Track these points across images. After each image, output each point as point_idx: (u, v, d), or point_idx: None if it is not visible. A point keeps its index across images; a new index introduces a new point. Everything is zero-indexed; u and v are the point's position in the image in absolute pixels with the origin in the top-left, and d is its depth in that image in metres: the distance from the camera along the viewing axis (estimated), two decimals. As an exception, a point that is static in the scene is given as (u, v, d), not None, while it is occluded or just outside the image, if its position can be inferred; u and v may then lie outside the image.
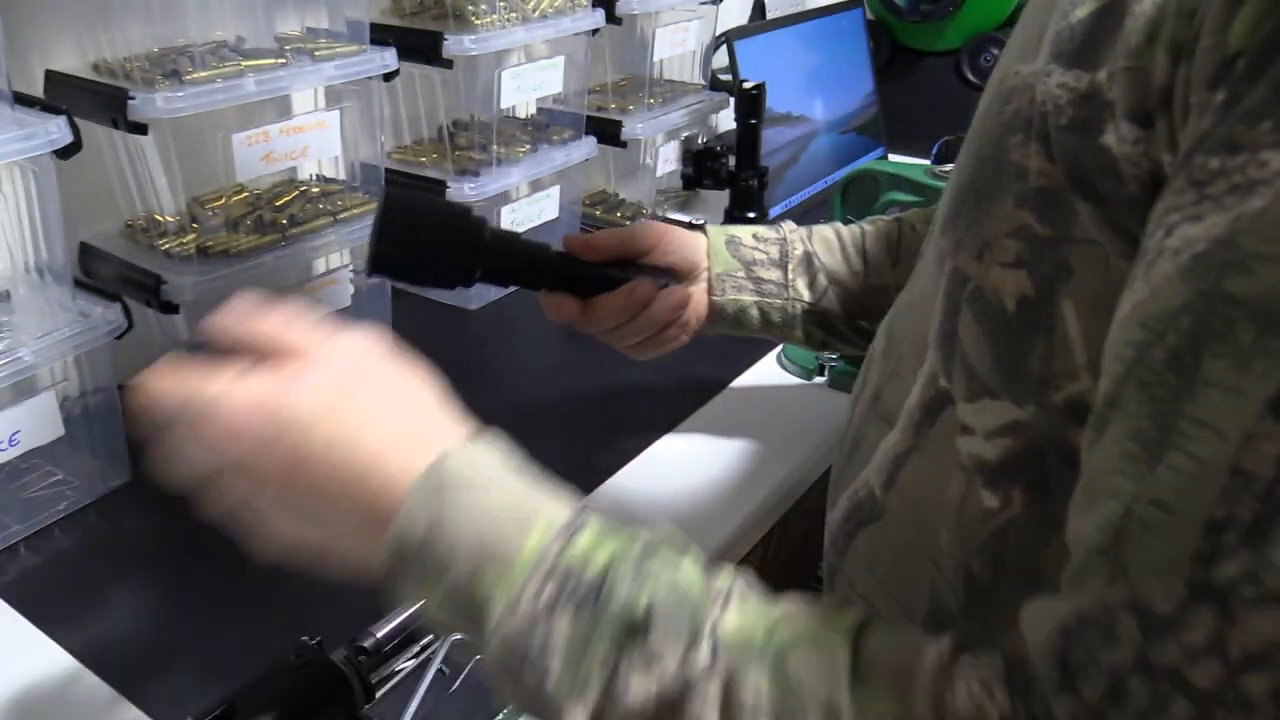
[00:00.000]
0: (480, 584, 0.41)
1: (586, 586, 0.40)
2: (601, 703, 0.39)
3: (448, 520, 0.42)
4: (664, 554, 0.42)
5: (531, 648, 0.40)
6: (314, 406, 0.44)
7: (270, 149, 0.93)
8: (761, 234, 0.78)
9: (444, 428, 0.45)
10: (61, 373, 0.84)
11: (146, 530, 0.84)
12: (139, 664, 0.69)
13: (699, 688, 0.38)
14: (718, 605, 0.40)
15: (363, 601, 0.73)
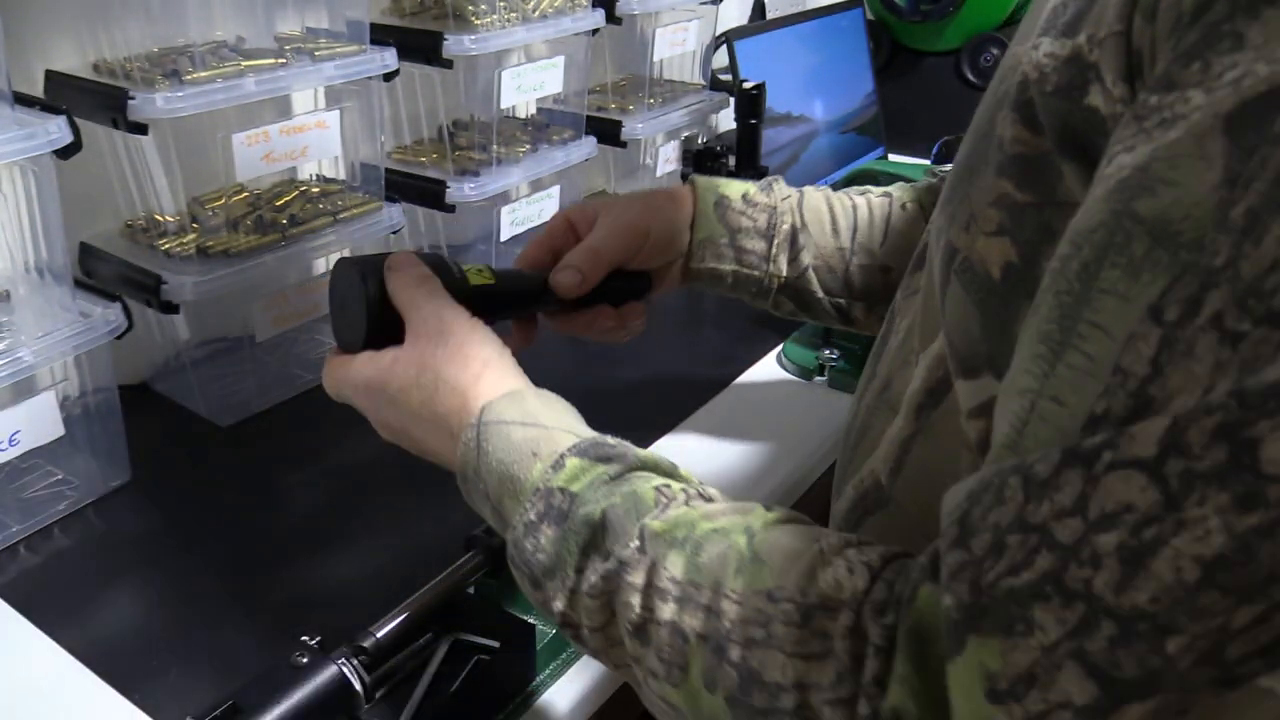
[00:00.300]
0: (503, 504, 0.53)
1: (565, 502, 0.50)
2: (572, 595, 0.49)
3: (485, 454, 0.53)
4: (635, 475, 0.51)
5: (525, 551, 0.51)
6: (401, 384, 0.58)
7: (270, 149, 0.93)
8: (752, 196, 0.76)
9: (500, 377, 0.57)
10: (61, 373, 0.84)
11: (146, 530, 0.84)
12: (139, 664, 0.69)
13: (626, 572, 0.46)
14: (660, 507, 0.48)
15: (363, 601, 0.73)
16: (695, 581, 0.44)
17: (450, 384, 0.56)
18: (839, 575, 0.41)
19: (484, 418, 0.54)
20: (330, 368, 0.63)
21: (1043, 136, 0.40)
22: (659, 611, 0.45)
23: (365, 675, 0.59)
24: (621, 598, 0.46)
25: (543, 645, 0.68)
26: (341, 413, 0.66)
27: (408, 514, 0.85)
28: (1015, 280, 0.42)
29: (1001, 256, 0.43)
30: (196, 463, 0.93)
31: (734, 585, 0.43)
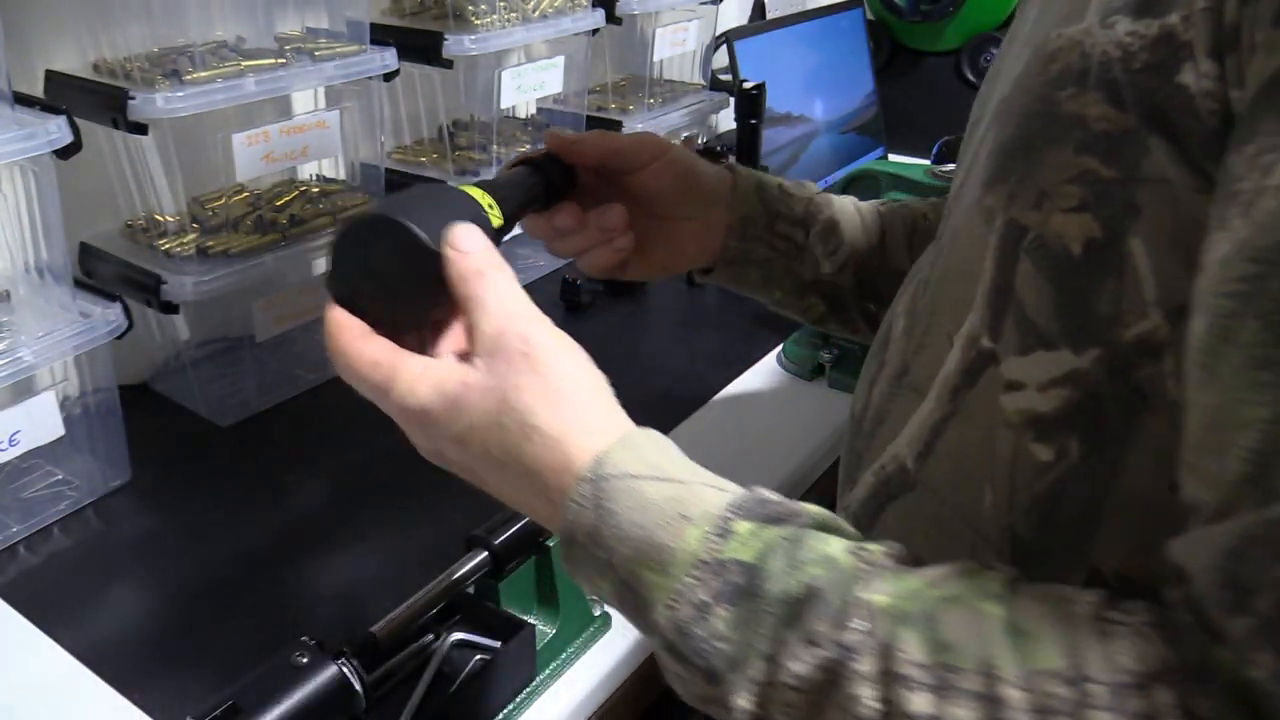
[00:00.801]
0: (643, 576, 0.43)
1: (744, 576, 0.41)
2: (765, 687, 0.40)
3: (611, 516, 0.44)
4: (814, 536, 0.43)
5: (695, 639, 0.41)
6: (474, 420, 0.46)
7: (270, 149, 0.93)
8: (788, 187, 0.74)
9: (605, 419, 0.47)
10: (61, 373, 0.84)
11: (146, 530, 0.84)
12: (139, 664, 0.69)
13: (853, 660, 0.39)
14: (868, 578, 0.41)
15: (363, 601, 0.73)
16: (949, 665, 0.38)
17: (545, 430, 0.45)
18: (1128, 644, 0.36)
19: (602, 471, 0.45)
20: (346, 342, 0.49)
21: (1128, 114, 0.41)
22: (905, 703, 0.38)
23: (365, 675, 0.59)
24: (847, 690, 0.39)
25: (543, 645, 0.68)
26: (341, 413, 0.66)
27: (408, 514, 0.85)
28: (1097, 255, 0.43)
29: (1083, 232, 0.43)
30: (196, 463, 0.93)
31: (1007, 666, 0.37)
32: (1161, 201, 0.40)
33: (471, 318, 0.48)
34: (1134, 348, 0.42)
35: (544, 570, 0.70)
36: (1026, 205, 0.45)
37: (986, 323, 0.48)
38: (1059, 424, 0.45)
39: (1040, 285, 0.45)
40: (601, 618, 0.73)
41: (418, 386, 0.47)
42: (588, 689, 0.69)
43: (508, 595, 0.69)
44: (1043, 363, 0.45)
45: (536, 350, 0.46)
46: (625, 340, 1.15)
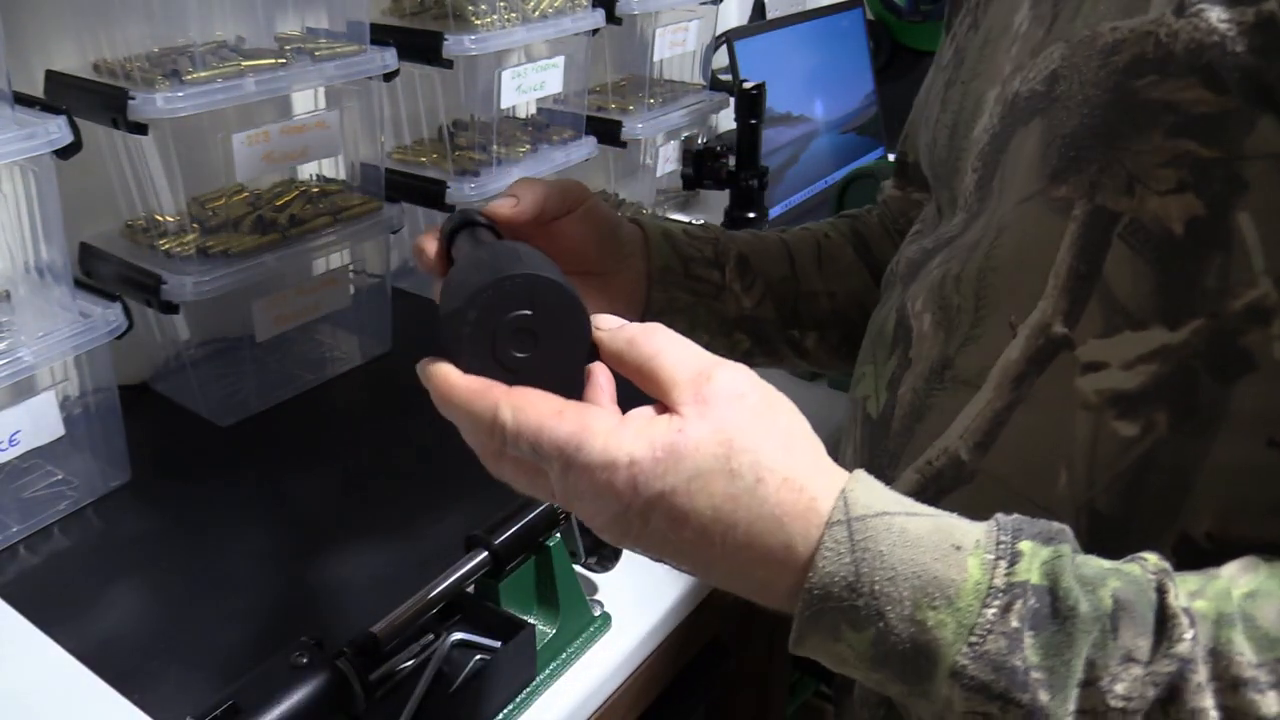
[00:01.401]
0: (926, 618, 0.39)
1: (1041, 599, 0.39)
2: (1086, 716, 0.38)
3: (875, 556, 0.40)
4: (1084, 554, 0.42)
5: (1014, 675, 0.38)
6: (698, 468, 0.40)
7: (270, 149, 0.93)
8: (693, 231, 0.74)
9: (829, 463, 0.43)
10: (61, 373, 0.84)
11: (146, 530, 0.84)
12: (139, 664, 0.69)
13: (1190, 671, 0.37)
14: (1166, 584, 0.40)
15: (363, 601, 0.73)
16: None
17: (782, 473, 0.41)
18: None
19: (854, 511, 0.40)
20: (519, 398, 0.42)
21: (1227, 96, 0.42)
22: (1256, 707, 0.37)
23: (365, 675, 0.59)
24: (1187, 704, 0.37)
25: (543, 645, 0.68)
26: (341, 413, 0.65)
27: (408, 514, 0.85)
28: (1202, 232, 0.44)
29: (1185, 212, 0.44)
30: (196, 463, 0.93)
31: None
32: (1271, 175, 0.42)
33: (659, 373, 0.43)
34: (1242, 315, 0.44)
35: (544, 570, 0.70)
36: (1116, 192, 0.46)
37: (1061, 309, 0.49)
38: (1145, 399, 0.47)
39: (1138, 268, 0.46)
40: (601, 618, 0.73)
41: (623, 435, 0.41)
42: (588, 689, 0.69)
43: (508, 595, 0.69)
44: (1129, 342, 0.47)
45: (752, 393, 0.43)
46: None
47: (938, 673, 0.39)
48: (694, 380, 0.42)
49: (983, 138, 0.55)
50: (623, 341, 0.44)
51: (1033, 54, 0.51)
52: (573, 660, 0.70)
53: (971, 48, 0.60)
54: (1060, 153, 0.48)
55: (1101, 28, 0.47)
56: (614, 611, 0.73)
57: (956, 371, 0.54)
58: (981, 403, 0.52)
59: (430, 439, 0.90)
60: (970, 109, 0.58)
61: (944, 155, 0.61)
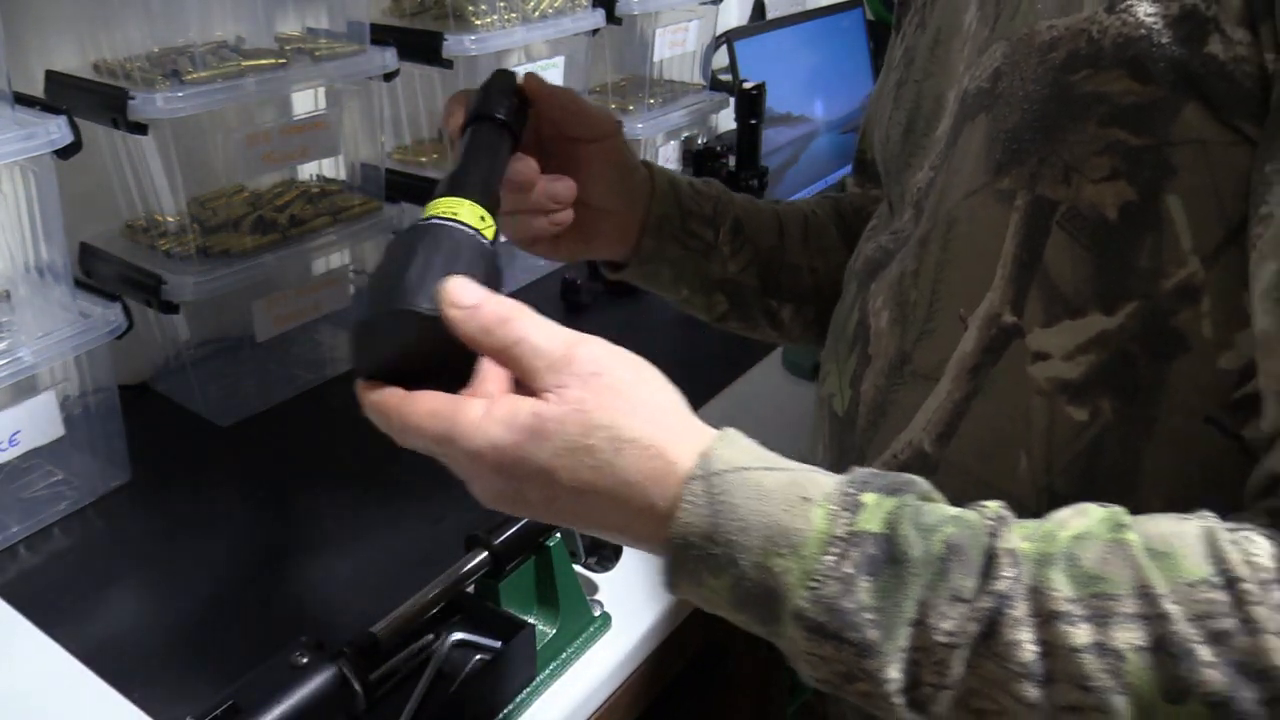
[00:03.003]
0: (773, 564, 0.42)
1: (879, 546, 0.42)
2: (915, 653, 0.41)
3: (730, 509, 0.43)
4: (929, 503, 0.44)
5: (845, 616, 0.41)
6: (558, 448, 0.44)
7: (270, 149, 0.93)
8: (698, 185, 0.73)
9: (692, 423, 0.47)
10: (61, 373, 0.84)
11: (146, 530, 0.84)
12: (139, 664, 0.69)
13: (1007, 607, 0.40)
14: (999, 529, 0.42)
15: (363, 601, 0.73)
16: (1104, 593, 0.39)
17: (640, 441, 0.44)
18: (1255, 546, 0.39)
19: (713, 467, 0.44)
20: (395, 405, 0.46)
21: (1154, 85, 0.44)
22: (1069, 638, 0.39)
23: (365, 675, 0.59)
24: (1005, 638, 0.40)
25: (543, 645, 0.68)
26: (341, 413, 0.65)
27: (408, 514, 0.85)
28: (1135, 216, 0.46)
29: (1118, 198, 0.46)
30: (196, 463, 0.93)
31: (1160, 584, 0.39)
32: (1196, 159, 0.44)
33: (520, 361, 0.45)
34: (1172, 295, 0.46)
35: (544, 570, 0.70)
36: (1054, 181, 0.48)
37: (1009, 299, 0.51)
38: (1088, 388, 0.48)
39: (1076, 253, 0.48)
40: (601, 618, 0.73)
41: (486, 425, 0.44)
42: (588, 689, 0.69)
43: (508, 595, 0.69)
44: (1068, 331, 0.49)
45: (611, 371, 0.45)
46: (625, 341, 1.14)
47: (784, 615, 0.42)
48: (552, 365, 0.45)
49: (942, 139, 0.57)
50: (477, 329, 0.45)
51: (979, 52, 0.53)
52: (573, 660, 0.70)
53: (921, 46, 0.61)
54: (1004, 146, 0.50)
55: (1039, 26, 0.49)
56: (614, 611, 0.73)
57: (915, 366, 0.56)
58: (941, 395, 0.54)
59: (430, 439, 0.90)
60: (929, 108, 0.59)
61: (896, 152, 0.62)
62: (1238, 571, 0.38)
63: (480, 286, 0.46)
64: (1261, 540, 0.39)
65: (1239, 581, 0.38)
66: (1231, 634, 0.38)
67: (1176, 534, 0.40)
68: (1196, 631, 0.38)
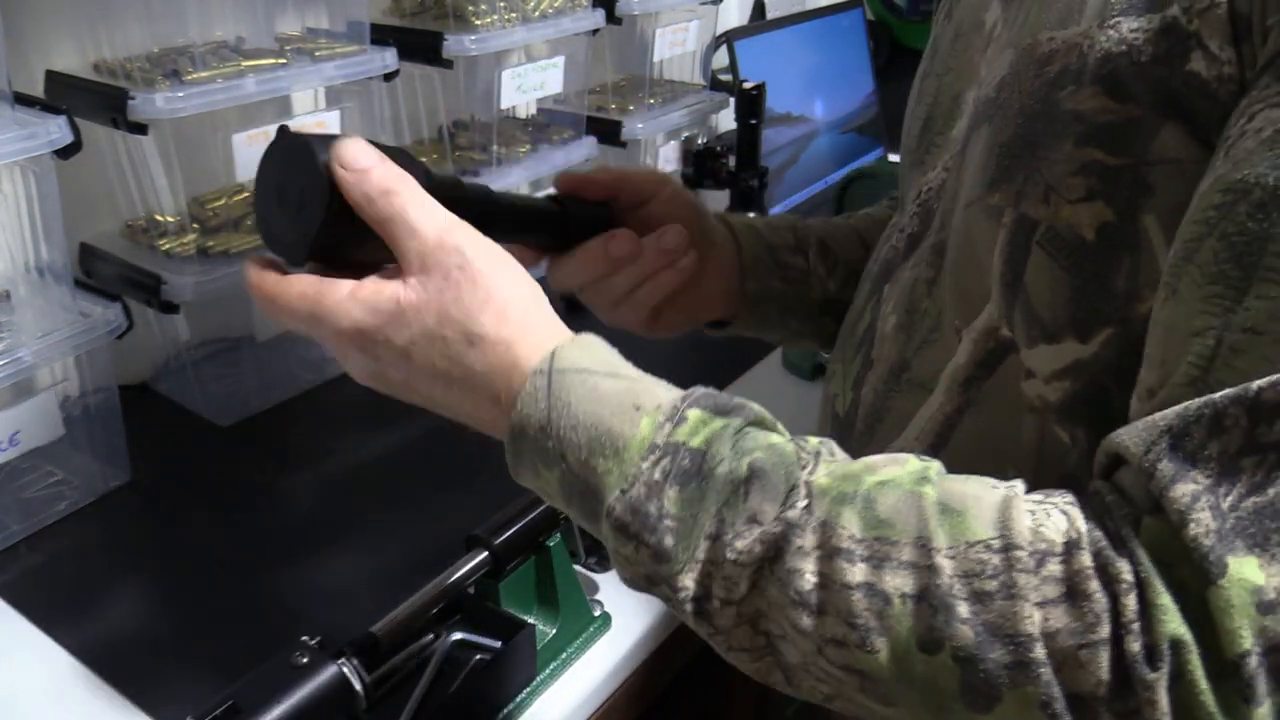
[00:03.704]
0: (596, 463, 0.44)
1: (692, 459, 0.43)
2: (708, 565, 0.42)
3: (564, 406, 0.45)
4: (757, 428, 0.45)
5: (646, 520, 0.43)
6: (413, 335, 0.46)
7: (270, 149, 0.93)
8: (771, 221, 0.74)
9: (548, 323, 0.48)
10: (61, 373, 0.84)
11: (146, 530, 0.84)
12: (139, 664, 0.69)
13: (795, 535, 0.41)
14: (809, 462, 0.43)
15: (363, 601, 0.73)
16: (885, 538, 0.40)
17: (490, 337, 0.46)
18: (1049, 519, 0.39)
19: (556, 365, 0.46)
20: (270, 287, 0.48)
21: (1131, 104, 0.43)
22: (844, 574, 0.40)
23: (365, 675, 0.59)
24: (787, 564, 0.41)
25: (543, 645, 0.68)
26: (341, 413, 0.65)
27: (408, 514, 0.85)
28: (1112, 237, 0.45)
29: (1095, 219, 0.45)
30: (196, 463, 0.93)
31: (940, 538, 0.40)
32: (1174, 179, 0.43)
33: (395, 237, 0.47)
34: (1147, 319, 0.44)
35: (544, 570, 0.70)
36: (1035, 200, 0.47)
37: (1004, 313, 0.50)
38: (1066, 414, 0.48)
39: (1054, 274, 0.47)
40: (601, 618, 0.73)
41: (349, 307, 0.47)
42: (588, 689, 0.69)
43: (508, 595, 0.69)
44: (1045, 356, 0.48)
45: (473, 262, 0.46)
46: (626, 340, 1.14)
47: (601, 513, 0.44)
48: (421, 250, 0.46)
49: (958, 141, 0.56)
50: (360, 195, 0.46)
51: (997, 57, 0.52)
52: (573, 660, 0.70)
53: (944, 38, 0.61)
54: (997, 161, 0.49)
55: (1041, 36, 0.48)
56: (614, 611, 0.73)
57: (912, 374, 0.55)
58: (934, 406, 0.53)
59: (430, 439, 0.90)
60: (946, 105, 0.58)
61: (913, 146, 0.61)
62: (1016, 539, 0.39)
63: (378, 152, 0.47)
64: (1058, 515, 0.39)
65: (1014, 548, 0.39)
66: (992, 595, 0.38)
67: (975, 496, 0.41)
68: (961, 588, 0.39)
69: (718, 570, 0.42)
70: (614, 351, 0.48)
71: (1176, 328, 0.40)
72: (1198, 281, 0.39)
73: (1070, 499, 0.40)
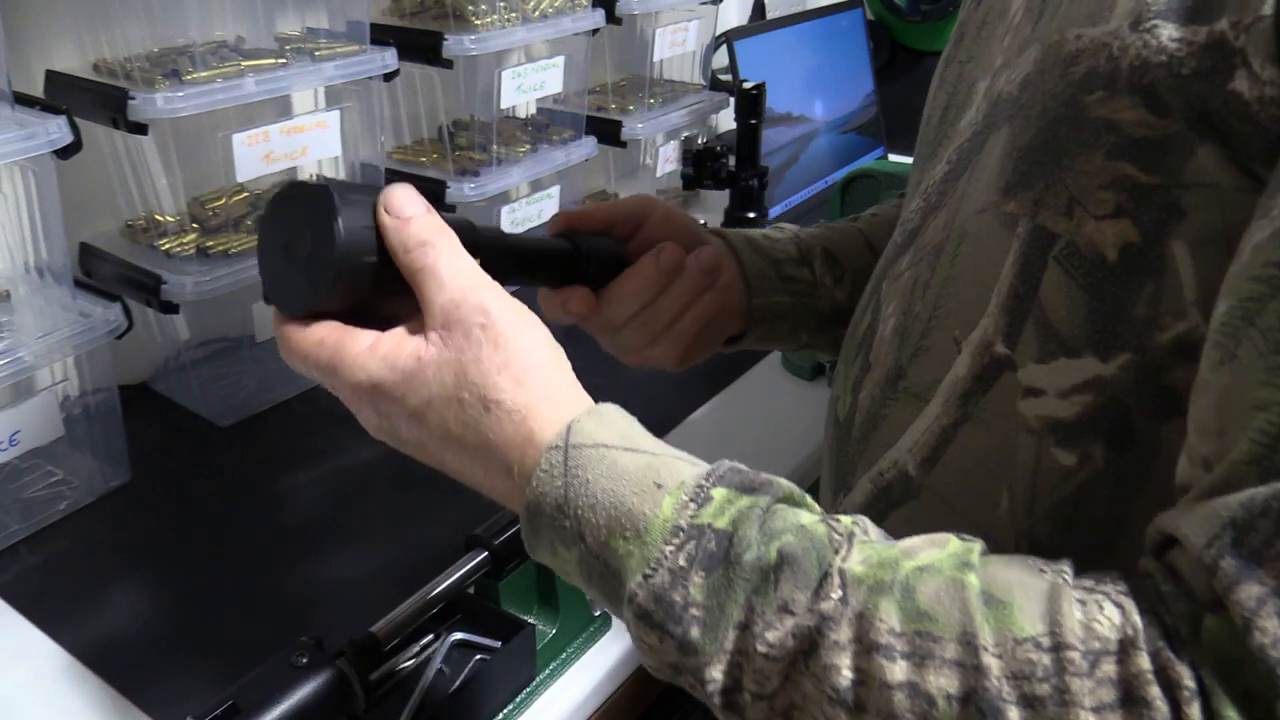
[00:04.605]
0: (616, 545, 0.42)
1: (718, 543, 0.41)
2: (738, 656, 0.40)
3: (582, 484, 0.43)
4: (785, 507, 0.43)
5: (671, 609, 0.41)
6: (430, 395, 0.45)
7: (270, 149, 0.93)
8: (772, 235, 0.73)
9: (569, 392, 0.47)
10: (61, 373, 0.84)
11: (146, 530, 0.84)
12: (139, 664, 0.69)
13: (830, 629, 0.39)
14: (842, 545, 0.41)
15: (363, 601, 0.73)
16: (927, 632, 0.37)
17: (508, 404, 0.44)
18: (1102, 612, 0.36)
19: (573, 440, 0.44)
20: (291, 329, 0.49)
21: (1169, 119, 0.40)
22: (884, 672, 0.37)
23: (365, 675, 0.59)
24: (823, 660, 0.38)
25: (543, 645, 0.68)
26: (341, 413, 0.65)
27: (408, 514, 0.85)
28: (1136, 260, 0.42)
29: (1119, 238, 0.43)
30: (196, 463, 0.93)
31: (986, 634, 0.37)
32: (1208, 204, 0.40)
33: (424, 289, 0.46)
34: (1168, 349, 0.42)
35: (544, 570, 0.70)
36: (1057, 212, 0.44)
37: (1001, 329, 0.47)
38: (1082, 430, 0.45)
39: (1071, 292, 0.44)
40: (601, 618, 0.73)
41: (367, 360, 0.46)
42: (588, 689, 0.69)
43: (508, 595, 0.69)
44: (1064, 370, 0.45)
45: (496, 322, 0.45)
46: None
47: (622, 597, 0.42)
48: (446, 306, 0.45)
49: (965, 132, 0.53)
50: (398, 242, 0.46)
51: (1019, 51, 0.50)
52: (573, 660, 0.70)
53: (972, 24, 0.58)
54: (1015, 165, 0.47)
55: (1068, 33, 0.45)
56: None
57: (908, 383, 0.53)
58: (930, 418, 0.51)
59: (430, 439, 0.90)
60: (963, 94, 0.56)
61: (930, 136, 0.59)
62: (1068, 637, 0.36)
63: (424, 202, 0.47)
64: (1111, 608, 0.36)
65: (1066, 648, 0.36)
66: (1044, 700, 0.35)
67: (1021, 584, 0.38)
68: (1010, 691, 0.36)
69: (748, 662, 0.40)
70: (633, 422, 0.47)
71: (1237, 397, 0.36)
72: (1261, 349, 0.35)
73: (1122, 587, 0.37)
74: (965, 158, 0.52)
